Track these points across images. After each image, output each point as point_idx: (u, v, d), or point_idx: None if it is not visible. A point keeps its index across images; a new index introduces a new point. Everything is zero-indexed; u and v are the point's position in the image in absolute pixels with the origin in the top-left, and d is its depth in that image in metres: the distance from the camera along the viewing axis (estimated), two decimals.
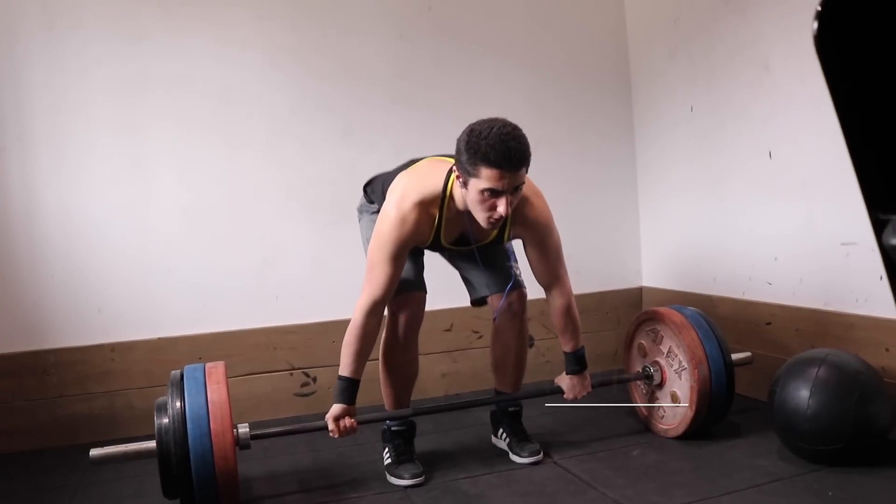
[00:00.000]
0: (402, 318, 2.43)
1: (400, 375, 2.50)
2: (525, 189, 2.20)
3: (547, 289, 2.47)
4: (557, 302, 2.46)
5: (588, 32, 3.70)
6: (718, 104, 3.14)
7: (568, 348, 2.53)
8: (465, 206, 2.21)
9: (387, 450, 2.51)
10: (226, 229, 3.18)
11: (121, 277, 3.07)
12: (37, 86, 2.97)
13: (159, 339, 3.09)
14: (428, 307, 2.65)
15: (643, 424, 2.78)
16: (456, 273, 2.65)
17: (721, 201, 3.17)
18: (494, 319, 2.59)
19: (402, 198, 2.24)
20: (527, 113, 2.74)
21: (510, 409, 2.62)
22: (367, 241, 2.41)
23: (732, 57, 3.02)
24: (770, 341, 2.92)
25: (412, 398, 2.60)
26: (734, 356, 2.62)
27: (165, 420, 2.07)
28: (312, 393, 3.25)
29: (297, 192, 3.27)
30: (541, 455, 2.49)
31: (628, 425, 2.80)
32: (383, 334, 2.48)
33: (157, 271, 3.11)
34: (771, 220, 2.90)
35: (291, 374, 3.23)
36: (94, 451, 2.13)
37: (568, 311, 2.47)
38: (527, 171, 2.13)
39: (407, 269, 2.45)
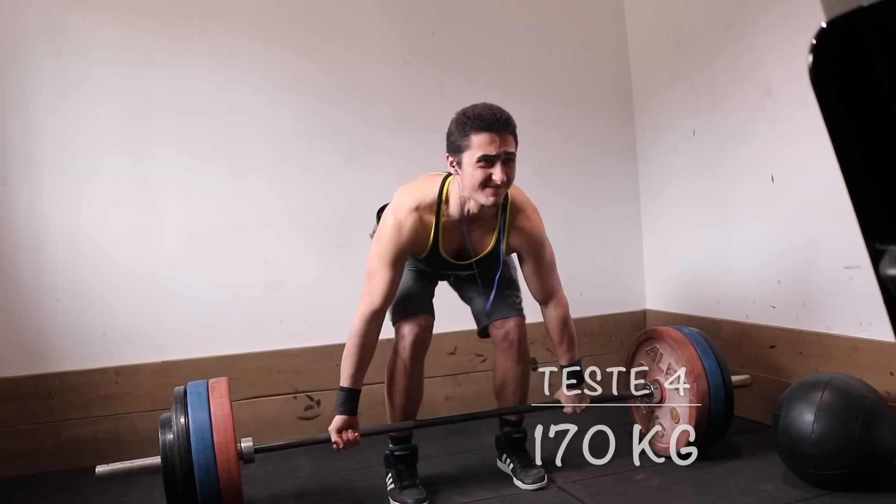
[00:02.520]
0: (407, 341, 2.44)
1: (404, 399, 2.50)
2: (521, 201, 2.35)
3: (543, 302, 2.52)
4: (553, 314, 2.51)
5: (591, 57, 3.73)
6: (720, 128, 3.15)
7: (565, 361, 2.55)
8: (462, 212, 2.28)
9: (389, 475, 2.50)
10: (230, 253, 3.20)
11: (125, 301, 3.08)
12: (43, 112, 3.00)
13: (163, 362, 3.09)
14: (433, 331, 2.66)
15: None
16: (458, 298, 2.66)
17: (724, 224, 3.18)
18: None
19: (398, 205, 2.30)
20: (530, 137, 2.76)
21: (514, 435, 2.62)
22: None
23: (734, 81, 3.04)
24: (774, 365, 2.91)
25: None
26: (733, 378, 2.63)
27: (170, 436, 2.09)
28: (316, 416, 3.24)
29: (302, 216, 3.28)
30: (545, 481, 2.48)
31: (631, 448, 2.78)
32: (389, 357, 2.49)
33: (161, 295, 3.12)
34: (774, 244, 2.90)
35: (295, 398, 3.23)
36: (100, 468, 2.15)
37: (565, 324, 2.51)
38: (516, 145, 2.19)
39: (417, 292, 2.48)
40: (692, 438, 2.51)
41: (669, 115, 3.49)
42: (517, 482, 2.51)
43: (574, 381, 2.54)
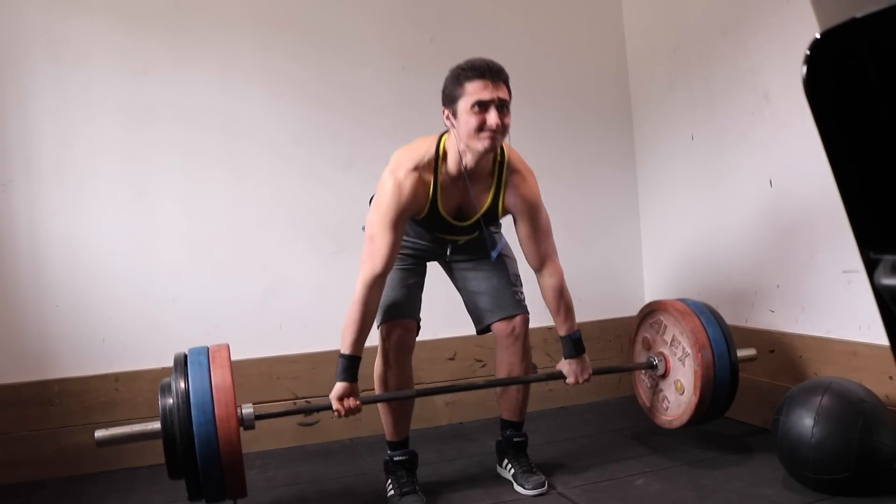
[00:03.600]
0: (390, 342, 2.45)
1: (395, 402, 2.50)
2: (517, 161, 2.39)
3: (539, 269, 2.50)
4: (550, 282, 2.49)
5: (589, 62, 3.74)
6: (718, 133, 3.16)
7: (563, 331, 2.54)
8: (460, 168, 2.29)
9: (389, 482, 2.50)
10: (229, 259, 3.20)
11: (125, 307, 3.08)
12: (43, 118, 3.01)
13: (163, 368, 3.07)
14: (431, 336, 2.67)
15: (646, 416, 2.83)
16: (459, 301, 2.66)
17: (722, 229, 3.18)
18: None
19: (396, 166, 2.31)
20: (529, 143, 2.77)
21: (515, 439, 2.62)
22: None
23: (732, 86, 3.05)
24: (773, 369, 2.91)
25: (414, 427, 2.60)
26: (738, 352, 2.61)
27: (170, 401, 2.06)
28: (316, 422, 3.24)
29: (301, 222, 3.29)
30: (545, 487, 2.47)
31: (631, 454, 2.79)
32: (375, 362, 2.49)
33: (161, 301, 3.12)
34: (772, 248, 2.91)
35: (295, 404, 3.23)
36: (99, 433, 2.12)
37: (561, 292, 2.51)
38: (510, 95, 2.23)
39: (400, 295, 2.47)
40: (696, 408, 2.50)
41: (668, 120, 3.50)
42: (517, 488, 2.51)
43: (575, 352, 2.54)
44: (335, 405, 2.31)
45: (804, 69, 0.62)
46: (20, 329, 2.99)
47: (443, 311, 2.76)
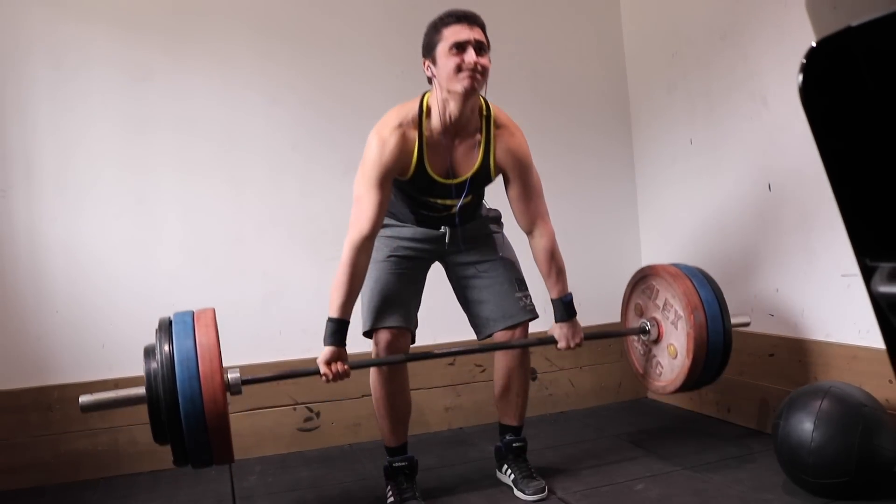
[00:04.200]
0: (380, 348, 2.44)
1: (390, 406, 2.50)
2: (504, 118, 2.41)
3: (530, 229, 2.50)
4: (541, 243, 2.49)
5: (588, 67, 3.75)
6: (717, 137, 3.16)
7: (555, 294, 2.54)
8: (444, 121, 2.30)
9: (389, 488, 2.49)
10: (229, 265, 3.20)
11: (124, 313, 3.08)
12: (43, 125, 3.01)
13: None
14: (431, 341, 2.67)
15: (641, 383, 2.85)
16: (458, 307, 2.66)
17: (721, 233, 3.19)
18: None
19: (381, 125, 2.33)
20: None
21: (514, 444, 2.61)
22: None
23: (730, 91, 3.05)
24: (773, 373, 2.91)
25: (413, 432, 2.60)
26: (732, 319, 2.58)
27: (154, 365, 2.02)
28: (316, 428, 3.24)
29: (300, 228, 3.29)
30: (545, 492, 2.47)
31: (632, 459, 2.79)
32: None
33: (160, 307, 3.09)
34: (771, 252, 2.91)
35: (295, 409, 3.23)
36: (83, 398, 2.07)
37: (552, 253, 2.50)
38: (488, 42, 2.30)
39: (394, 300, 2.45)
40: (689, 371, 2.49)
41: (667, 124, 3.50)
42: (518, 493, 2.51)
43: (567, 315, 2.54)
44: (323, 369, 2.30)
45: (800, 77, 0.62)
46: (20, 335, 2.98)
47: (442, 317, 2.76)
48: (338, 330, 2.31)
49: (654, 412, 3.48)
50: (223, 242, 3.20)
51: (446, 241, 2.53)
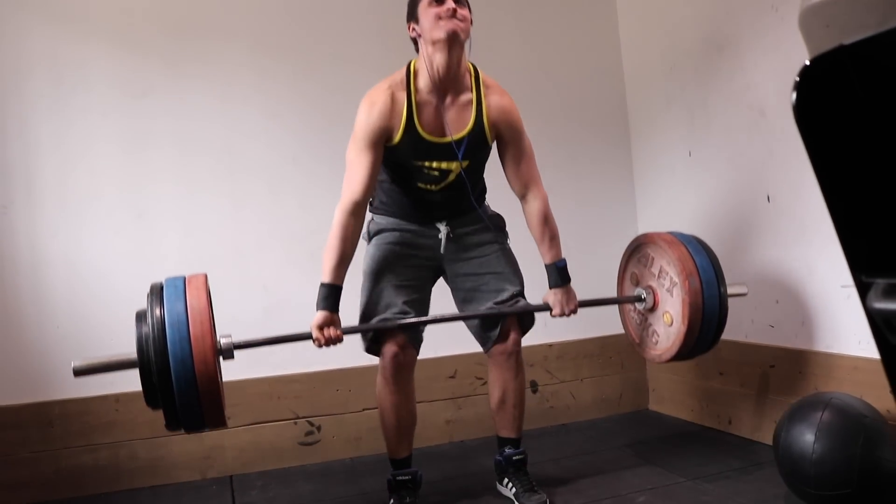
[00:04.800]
0: (386, 360, 2.45)
1: (394, 417, 2.49)
2: (491, 81, 2.48)
3: (523, 193, 2.53)
4: (535, 206, 2.51)
5: (586, 80, 3.77)
6: (716, 149, 3.18)
7: (549, 259, 2.55)
8: (433, 76, 2.35)
9: (392, 501, 2.49)
10: (229, 280, 3.20)
11: (125, 328, 3.05)
12: (44, 140, 3.02)
13: None
14: (432, 354, 2.67)
15: (637, 351, 2.84)
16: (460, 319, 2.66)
17: (721, 245, 3.18)
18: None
19: (370, 91, 2.39)
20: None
21: (514, 457, 2.60)
22: (363, 272, 2.51)
23: (728, 103, 3.06)
24: (774, 384, 2.91)
25: (414, 446, 2.59)
26: (729, 288, 2.57)
27: (145, 328, 2.01)
28: (317, 442, 3.24)
29: (299, 242, 3.29)
30: None
31: (633, 471, 2.78)
32: (377, 377, 2.48)
33: None
34: (771, 263, 2.91)
35: (295, 423, 3.22)
36: (75, 363, 2.06)
37: (546, 217, 2.52)
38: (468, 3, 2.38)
39: (397, 309, 2.44)
40: (684, 337, 2.49)
41: (665, 136, 3.51)
42: None
43: (561, 281, 2.54)
44: (315, 333, 2.31)
45: (794, 95, 0.63)
46: (21, 350, 2.98)
47: (443, 329, 2.75)
48: (330, 295, 2.32)
49: (656, 424, 3.48)
50: (223, 257, 3.20)
51: (442, 240, 2.51)
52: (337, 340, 2.32)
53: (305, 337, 2.33)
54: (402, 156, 2.41)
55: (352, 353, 2.65)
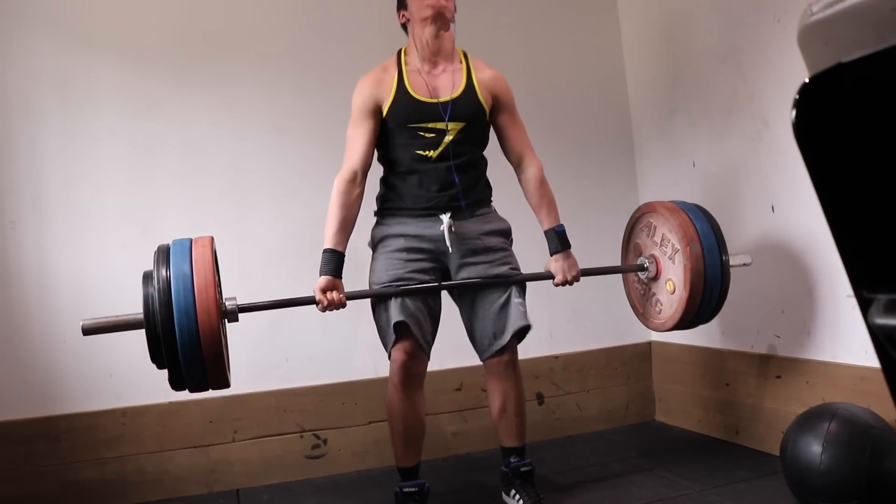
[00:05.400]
0: (395, 367, 2.47)
1: (402, 426, 2.50)
2: (484, 63, 2.62)
3: (518, 161, 2.62)
4: (530, 172, 2.60)
5: (590, 91, 3.78)
6: (720, 159, 3.18)
7: (547, 224, 2.60)
8: (424, 56, 2.50)
9: None
10: (234, 293, 3.20)
11: (131, 342, 3.05)
12: (51, 156, 3.04)
13: (170, 402, 3.09)
14: (438, 367, 2.67)
15: (641, 321, 2.89)
16: (464, 332, 2.66)
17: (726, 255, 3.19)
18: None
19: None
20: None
21: (522, 468, 2.60)
22: (369, 283, 2.55)
23: (731, 113, 3.07)
24: (780, 395, 2.90)
25: (421, 458, 2.59)
26: (731, 259, 2.59)
27: (151, 289, 2.05)
28: (323, 455, 3.24)
29: (306, 255, 3.27)
30: None
31: (640, 483, 2.77)
32: (388, 384, 2.50)
33: None
34: (776, 274, 2.91)
35: (301, 437, 3.22)
36: (84, 322, 2.12)
37: (542, 182, 2.59)
38: None
39: (404, 316, 2.43)
40: (686, 302, 2.50)
41: (670, 148, 3.52)
42: None
43: (560, 246, 2.58)
44: (318, 296, 2.36)
45: (793, 113, 0.63)
46: (28, 364, 2.99)
47: (449, 342, 2.76)
48: (332, 260, 2.40)
49: (662, 435, 3.47)
50: (229, 270, 3.20)
51: (444, 232, 2.49)
52: (340, 305, 2.38)
53: (309, 301, 2.39)
54: (396, 120, 2.48)
55: (358, 366, 2.66)
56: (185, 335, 2.00)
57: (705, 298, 2.53)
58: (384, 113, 2.48)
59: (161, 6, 3.22)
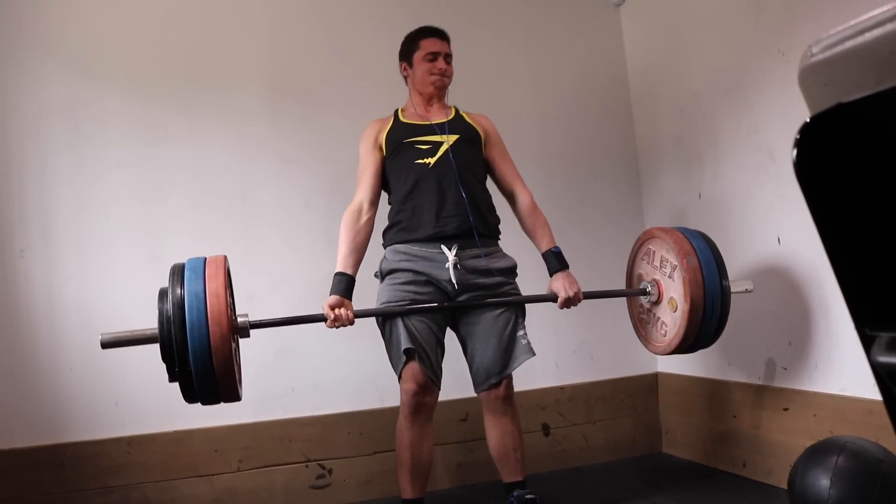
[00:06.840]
0: (405, 397, 2.51)
1: (409, 456, 2.52)
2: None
3: (511, 190, 2.77)
4: (522, 198, 2.74)
5: (596, 123, 3.80)
6: (725, 191, 3.19)
7: (544, 246, 2.68)
8: (417, 104, 2.75)
9: None
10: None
11: (137, 371, 3.08)
12: (61, 185, 3.07)
13: (175, 431, 3.09)
14: (443, 397, 2.66)
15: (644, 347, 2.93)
16: (465, 363, 2.67)
17: (726, 280, 3.18)
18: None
19: None
20: (536, 202, 2.80)
21: (527, 496, 2.58)
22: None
23: (737, 145, 3.09)
24: (788, 427, 2.88)
25: (427, 489, 2.58)
26: (734, 284, 2.64)
27: (166, 306, 2.12)
28: (328, 485, 3.22)
29: (313, 285, 3.29)
30: None
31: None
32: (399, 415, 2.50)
33: None
34: (783, 305, 2.90)
35: (307, 466, 3.21)
36: (103, 335, 2.19)
37: (534, 208, 2.72)
38: (452, 54, 2.78)
39: (411, 345, 2.48)
40: (689, 315, 2.52)
41: (675, 179, 3.53)
42: None
43: (559, 265, 2.64)
44: (327, 311, 2.41)
45: (794, 153, 0.64)
46: (34, 392, 3.00)
47: (454, 373, 2.76)
48: (341, 282, 2.50)
49: (669, 467, 3.44)
50: (236, 299, 3.21)
51: (450, 269, 2.53)
52: (348, 322, 2.44)
53: (320, 318, 2.44)
54: (394, 140, 2.68)
55: (363, 395, 2.65)
56: (197, 348, 2.06)
57: (706, 312, 2.57)
58: (383, 141, 2.70)
59: (170, 36, 3.27)
